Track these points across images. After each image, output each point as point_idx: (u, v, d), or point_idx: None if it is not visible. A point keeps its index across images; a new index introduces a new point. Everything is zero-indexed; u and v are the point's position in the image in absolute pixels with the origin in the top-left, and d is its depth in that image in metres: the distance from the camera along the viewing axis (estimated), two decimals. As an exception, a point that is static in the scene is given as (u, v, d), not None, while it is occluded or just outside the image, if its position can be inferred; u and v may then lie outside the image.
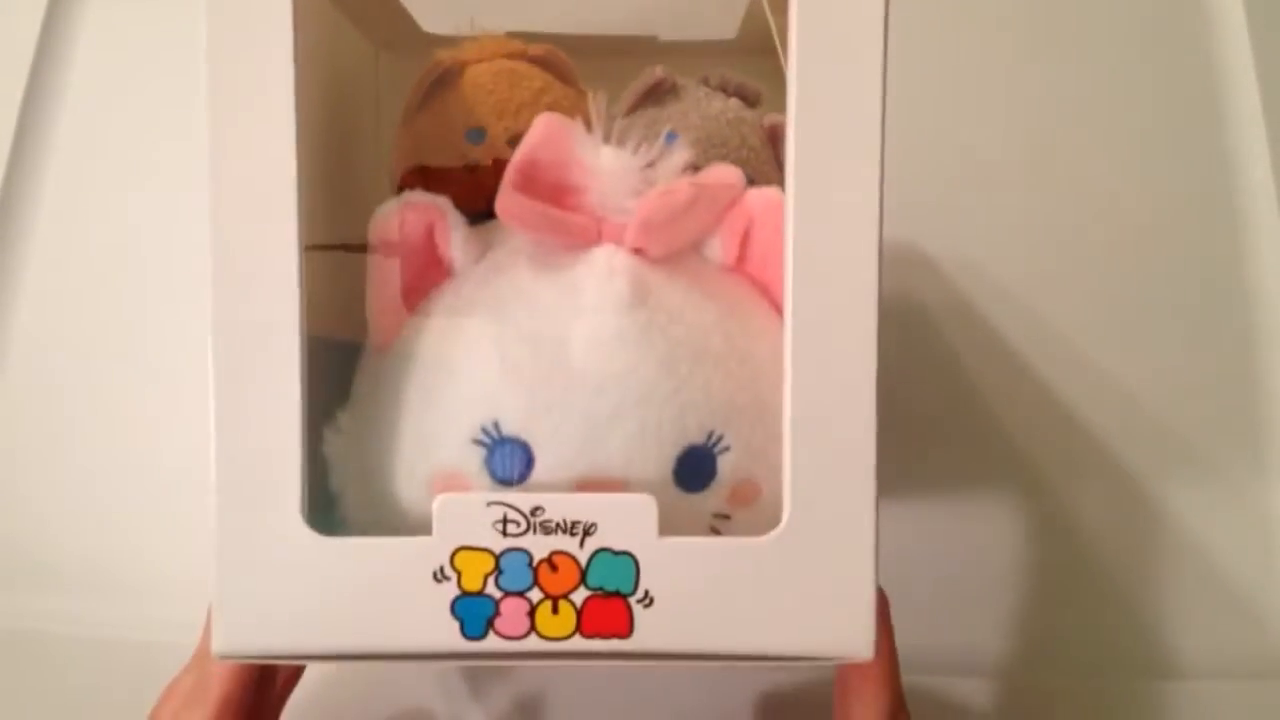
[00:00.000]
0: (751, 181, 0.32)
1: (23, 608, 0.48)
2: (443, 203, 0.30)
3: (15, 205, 0.54)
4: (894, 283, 0.28)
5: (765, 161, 0.37)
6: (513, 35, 0.37)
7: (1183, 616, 0.48)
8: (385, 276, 0.30)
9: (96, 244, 0.53)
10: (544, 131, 0.30)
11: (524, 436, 0.28)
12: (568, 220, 0.30)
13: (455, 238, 0.30)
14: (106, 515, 0.49)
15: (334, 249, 0.32)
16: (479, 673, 0.46)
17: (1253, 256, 0.53)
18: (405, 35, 0.42)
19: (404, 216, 0.30)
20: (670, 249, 0.31)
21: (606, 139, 0.31)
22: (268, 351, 0.27)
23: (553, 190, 0.30)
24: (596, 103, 0.31)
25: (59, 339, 0.52)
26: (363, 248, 0.31)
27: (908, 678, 0.33)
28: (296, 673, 0.38)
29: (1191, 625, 0.48)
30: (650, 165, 0.30)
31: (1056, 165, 0.54)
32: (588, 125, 0.30)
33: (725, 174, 0.32)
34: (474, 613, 0.27)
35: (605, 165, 0.30)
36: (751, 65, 0.38)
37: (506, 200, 0.29)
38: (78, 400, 0.51)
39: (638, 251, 0.30)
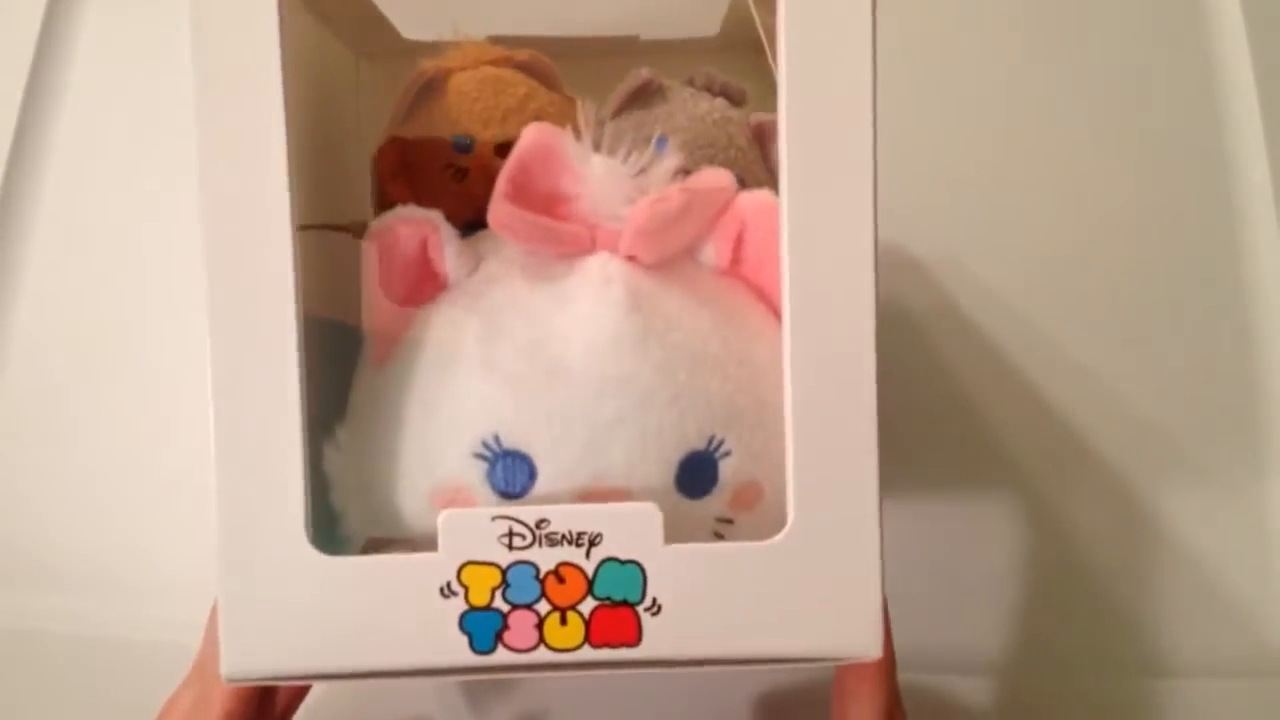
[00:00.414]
0: (741, 182, 0.31)
1: (23, 607, 0.48)
2: (435, 216, 0.30)
3: (15, 205, 0.54)
4: (883, 285, 0.27)
5: (753, 161, 0.37)
6: (494, 40, 0.37)
7: (1179, 616, 0.48)
8: (380, 291, 0.30)
9: (96, 244, 0.54)
10: (534, 140, 0.29)
11: (525, 449, 0.28)
12: (561, 229, 0.30)
13: (449, 251, 0.30)
14: (106, 515, 0.49)
15: (327, 229, 0.31)
16: (478, 683, 0.46)
17: (1250, 257, 0.53)
18: (386, 43, 0.41)
19: (397, 231, 0.30)
20: (664, 255, 0.31)
21: (597, 146, 0.30)
22: (266, 368, 0.27)
23: (545, 199, 0.30)
24: (585, 110, 0.31)
25: (59, 339, 0.52)
26: (359, 229, 0.30)
27: (904, 676, 0.33)
28: (300, 694, 0.38)
29: (1188, 625, 0.48)
30: (642, 172, 0.30)
31: (1051, 166, 0.54)
32: (577, 133, 0.30)
33: (716, 178, 0.31)
34: (482, 627, 0.27)
35: (596, 173, 0.30)
36: (734, 62, 0.38)
37: (499, 211, 0.29)
38: (78, 400, 0.51)
39: (632, 259, 0.30)
